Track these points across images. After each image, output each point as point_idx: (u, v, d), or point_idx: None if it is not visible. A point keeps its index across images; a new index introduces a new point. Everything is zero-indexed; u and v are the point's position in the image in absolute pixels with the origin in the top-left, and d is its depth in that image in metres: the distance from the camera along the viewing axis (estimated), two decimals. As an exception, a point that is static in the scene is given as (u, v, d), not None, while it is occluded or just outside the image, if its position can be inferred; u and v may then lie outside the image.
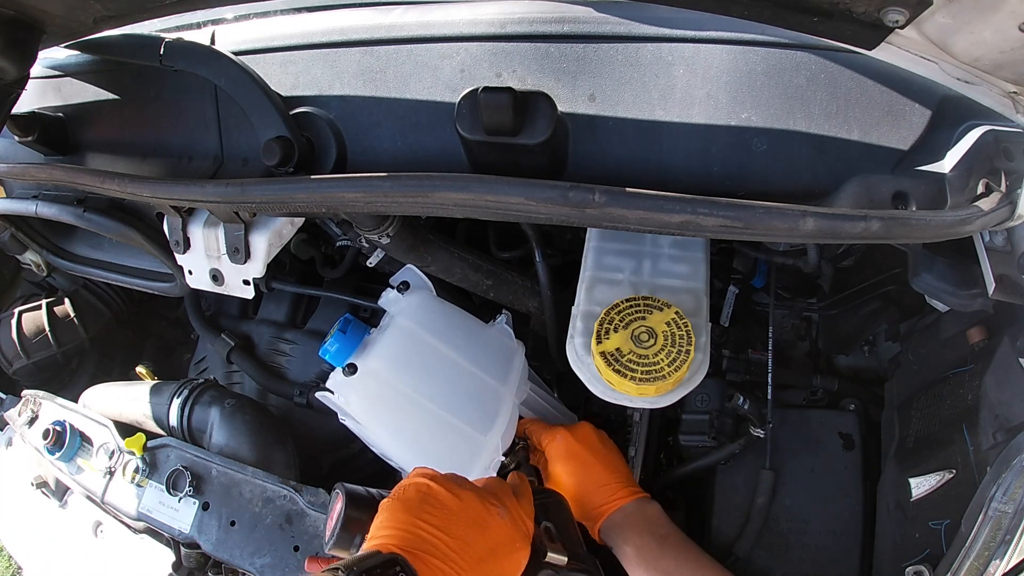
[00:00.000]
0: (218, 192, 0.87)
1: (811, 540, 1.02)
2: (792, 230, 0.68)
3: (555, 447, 1.02)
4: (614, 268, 1.02)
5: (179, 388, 1.23)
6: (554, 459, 1.01)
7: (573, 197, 0.70)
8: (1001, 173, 0.73)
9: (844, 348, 1.25)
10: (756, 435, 1.05)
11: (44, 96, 1.20)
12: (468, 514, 0.70)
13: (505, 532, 0.72)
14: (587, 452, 1.01)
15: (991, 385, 0.85)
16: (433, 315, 1.04)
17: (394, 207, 0.83)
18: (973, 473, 0.82)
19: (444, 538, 0.67)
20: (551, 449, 1.02)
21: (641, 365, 0.88)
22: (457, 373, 1.00)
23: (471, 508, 0.71)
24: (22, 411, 1.33)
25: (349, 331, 0.99)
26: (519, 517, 0.76)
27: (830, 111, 0.76)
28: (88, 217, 1.21)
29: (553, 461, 1.01)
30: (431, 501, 0.70)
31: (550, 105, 0.78)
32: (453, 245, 1.15)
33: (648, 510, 0.96)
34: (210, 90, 1.01)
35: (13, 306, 1.54)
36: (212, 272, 1.12)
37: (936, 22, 0.57)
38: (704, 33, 0.80)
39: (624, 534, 0.93)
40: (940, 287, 0.89)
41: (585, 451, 1.01)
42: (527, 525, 0.77)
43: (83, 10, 0.87)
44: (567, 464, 1.00)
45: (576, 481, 0.98)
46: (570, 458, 1.00)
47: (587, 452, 1.01)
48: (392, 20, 0.94)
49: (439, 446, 0.97)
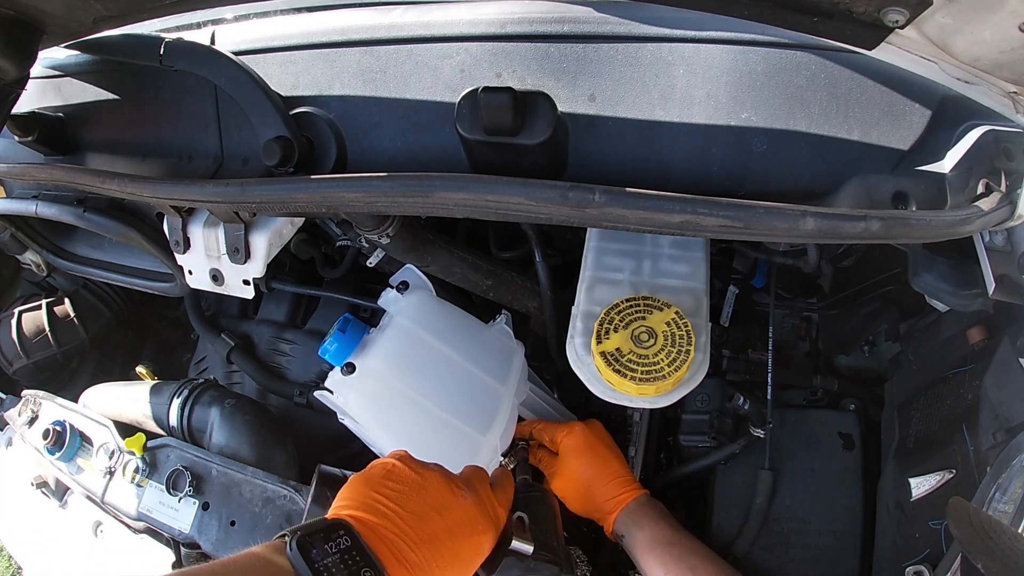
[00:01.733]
0: (218, 192, 0.87)
1: (811, 540, 1.02)
2: (792, 230, 0.68)
3: (572, 440, 1.05)
4: (614, 268, 1.02)
5: (179, 388, 1.23)
6: (570, 452, 1.04)
7: (573, 197, 0.70)
8: (1001, 173, 0.73)
9: (844, 348, 1.25)
10: (756, 435, 1.05)
11: (44, 96, 1.20)
12: (429, 492, 0.71)
13: (467, 514, 0.73)
14: (603, 445, 1.05)
15: (991, 385, 0.85)
16: (433, 315, 1.04)
17: (394, 207, 0.83)
18: (973, 473, 0.81)
19: (397, 510, 0.67)
20: (568, 442, 1.05)
21: (641, 365, 0.88)
22: (456, 373, 1.00)
23: (432, 486, 0.72)
24: (22, 411, 1.33)
25: (348, 331, 0.99)
26: (489, 503, 0.77)
27: (830, 111, 0.76)
28: (88, 217, 1.21)
29: (569, 455, 1.04)
30: (392, 477, 0.71)
31: (550, 105, 0.78)
32: (453, 245, 1.15)
33: (659, 504, 1.00)
34: (210, 90, 1.01)
35: (13, 306, 1.54)
36: (212, 272, 1.12)
37: (936, 22, 0.57)
38: (704, 33, 0.80)
39: (639, 521, 0.96)
40: (940, 287, 0.89)
41: (601, 444, 1.05)
42: (496, 512, 0.77)
43: (83, 10, 0.87)
44: (584, 457, 1.03)
45: (594, 473, 1.02)
46: (587, 450, 1.03)
47: (603, 445, 1.05)
48: (392, 20, 0.94)
49: (438, 446, 0.97)
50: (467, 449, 0.97)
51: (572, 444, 1.04)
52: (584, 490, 1.02)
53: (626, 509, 0.98)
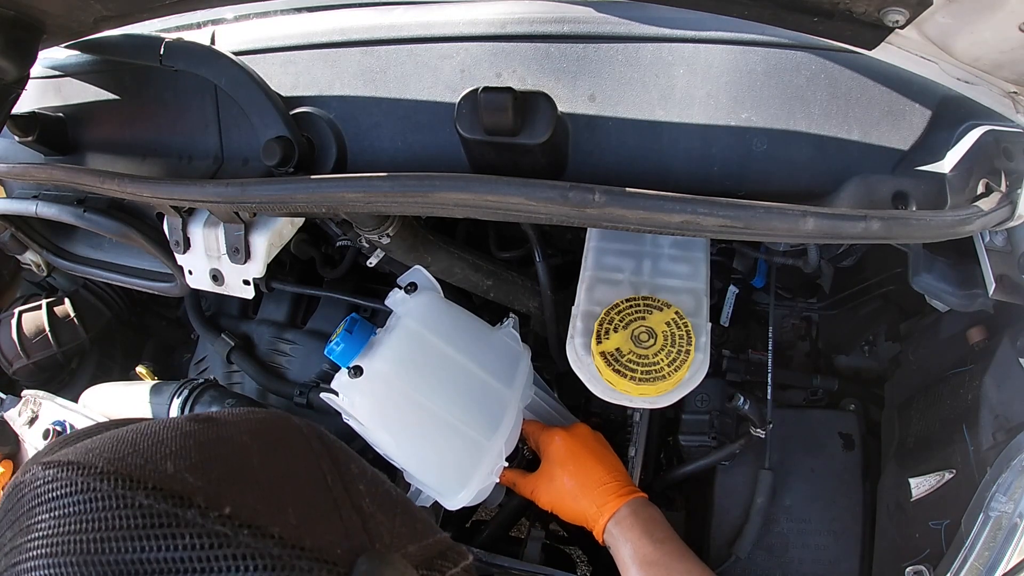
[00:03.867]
0: (218, 192, 0.87)
1: (811, 540, 1.02)
2: (792, 230, 0.68)
3: (553, 448, 1.01)
4: (614, 268, 1.02)
5: (179, 388, 1.23)
6: (553, 461, 1.00)
7: (573, 197, 0.70)
8: (1001, 173, 0.73)
9: (844, 348, 1.25)
10: (756, 435, 1.05)
11: (44, 96, 1.20)
12: None
13: None
14: (586, 452, 1.00)
15: (991, 385, 0.85)
16: (440, 317, 1.03)
17: (394, 207, 0.83)
18: (973, 473, 0.81)
19: None
20: (550, 451, 1.02)
21: (641, 365, 0.88)
22: (463, 376, 0.99)
23: None
24: (22, 411, 1.33)
25: (355, 331, 0.98)
26: None
27: (830, 111, 0.76)
28: (88, 217, 1.21)
29: (552, 463, 1.01)
30: None
31: (550, 105, 0.78)
32: (453, 245, 1.15)
33: (647, 512, 0.95)
34: (210, 90, 1.01)
35: (13, 306, 1.54)
36: (212, 272, 1.12)
37: (936, 22, 0.57)
38: (704, 33, 0.80)
39: (624, 534, 0.92)
40: (940, 287, 0.89)
41: (584, 451, 1.00)
42: None
43: (83, 10, 0.87)
44: (566, 466, 0.99)
45: (577, 482, 0.98)
46: (569, 459, 0.99)
47: (586, 452, 1.00)
48: (392, 20, 0.94)
49: (442, 449, 0.97)
50: (471, 453, 0.96)
51: (553, 453, 1.01)
52: (570, 500, 0.98)
53: (614, 519, 0.94)
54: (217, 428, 0.41)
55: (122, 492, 0.35)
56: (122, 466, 0.36)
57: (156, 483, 0.35)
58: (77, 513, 0.35)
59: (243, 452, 0.40)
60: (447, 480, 0.96)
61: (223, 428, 0.41)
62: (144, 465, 0.37)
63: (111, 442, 0.39)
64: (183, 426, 0.40)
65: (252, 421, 0.44)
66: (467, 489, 0.94)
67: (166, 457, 0.37)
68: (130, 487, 0.35)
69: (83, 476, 0.36)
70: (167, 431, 0.40)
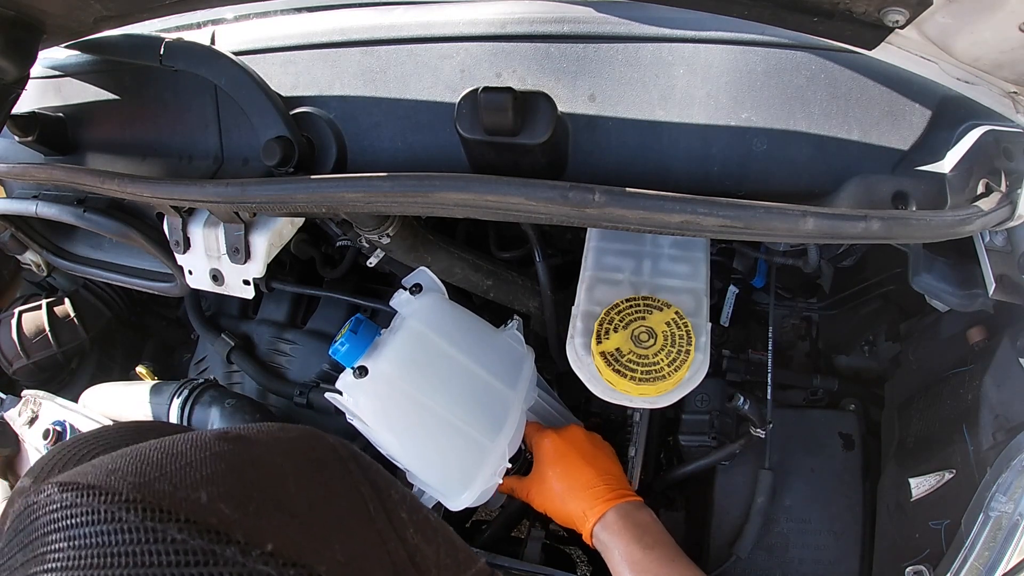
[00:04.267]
0: (218, 192, 0.87)
1: (811, 540, 1.02)
2: (792, 230, 0.68)
3: (543, 450, 1.01)
4: (614, 268, 1.02)
5: (179, 388, 1.23)
6: (543, 462, 1.00)
7: (573, 197, 0.70)
8: (1001, 173, 0.73)
9: (844, 348, 1.25)
10: (756, 435, 1.05)
11: (44, 96, 1.20)
12: None
13: None
14: (575, 455, 0.99)
15: (991, 385, 0.85)
16: (444, 319, 1.03)
17: (394, 207, 0.83)
18: (973, 473, 0.82)
19: None
20: (539, 452, 1.01)
21: (641, 365, 0.88)
22: (467, 378, 0.99)
23: None
24: (22, 411, 1.33)
25: (360, 331, 0.98)
26: None
27: (830, 111, 0.76)
28: (88, 217, 1.21)
29: (542, 464, 1.00)
30: None
31: (550, 105, 0.78)
32: (453, 245, 1.15)
33: (637, 515, 0.93)
34: (210, 90, 1.01)
35: (13, 306, 1.54)
36: (212, 272, 1.12)
37: (936, 22, 0.57)
38: (704, 33, 0.80)
39: (612, 538, 0.91)
40: (940, 287, 0.90)
41: (573, 453, 0.99)
42: None
43: (83, 10, 0.87)
44: (555, 467, 0.99)
45: (566, 485, 0.97)
46: (558, 461, 0.99)
47: (575, 455, 0.99)
48: (392, 20, 0.94)
49: (446, 450, 0.97)
50: (475, 454, 0.96)
51: (543, 455, 1.00)
52: (558, 502, 0.97)
53: (601, 523, 0.93)
54: (248, 449, 0.38)
55: (151, 525, 0.31)
56: (149, 493, 0.33)
57: (189, 515, 0.32)
58: (100, 545, 0.31)
59: (279, 477, 0.37)
60: (450, 481, 0.96)
61: (255, 449, 0.38)
62: (174, 493, 0.33)
63: (134, 462, 0.35)
64: (212, 446, 0.37)
65: (285, 441, 0.40)
66: (470, 490, 0.94)
67: (198, 484, 0.34)
68: (160, 519, 0.31)
69: (107, 504, 0.32)
70: (195, 451, 0.36)
